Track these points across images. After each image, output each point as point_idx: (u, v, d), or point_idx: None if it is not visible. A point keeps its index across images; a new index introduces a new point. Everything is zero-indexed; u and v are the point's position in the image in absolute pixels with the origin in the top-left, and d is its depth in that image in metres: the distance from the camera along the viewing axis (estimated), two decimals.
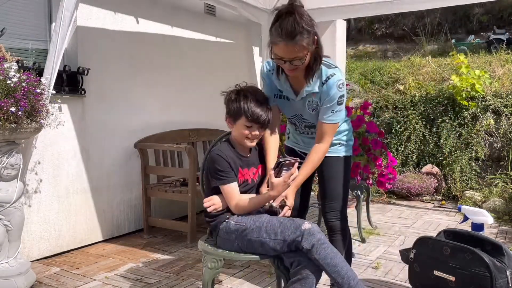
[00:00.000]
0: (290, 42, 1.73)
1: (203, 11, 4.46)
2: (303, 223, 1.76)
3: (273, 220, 1.82)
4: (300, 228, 1.74)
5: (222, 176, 1.86)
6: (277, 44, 1.76)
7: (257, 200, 1.87)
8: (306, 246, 1.72)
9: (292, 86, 1.99)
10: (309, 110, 2.00)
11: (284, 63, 1.81)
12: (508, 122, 4.88)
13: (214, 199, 1.90)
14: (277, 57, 1.81)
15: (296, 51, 1.75)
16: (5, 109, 2.18)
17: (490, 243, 2.07)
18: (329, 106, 1.92)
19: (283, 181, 1.78)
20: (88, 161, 3.36)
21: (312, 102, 1.97)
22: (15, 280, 2.40)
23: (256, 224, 1.81)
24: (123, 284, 2.65)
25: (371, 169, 3.20)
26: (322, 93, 1.92)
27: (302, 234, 1.72)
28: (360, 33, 12.18)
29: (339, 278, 1.72)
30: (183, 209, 3.90)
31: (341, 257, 1.77)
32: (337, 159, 2.14)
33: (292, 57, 1.77)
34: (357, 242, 3.51)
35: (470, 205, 4.37)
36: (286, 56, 1.78)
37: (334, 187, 2.13)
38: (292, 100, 2.01)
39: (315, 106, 1.98)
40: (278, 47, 1.77)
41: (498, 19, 10.69)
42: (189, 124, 4.24)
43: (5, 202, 2.38)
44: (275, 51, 1.80)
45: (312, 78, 1.90)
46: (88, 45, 3.33)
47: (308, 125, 2.09)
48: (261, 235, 1.78)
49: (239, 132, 1.89)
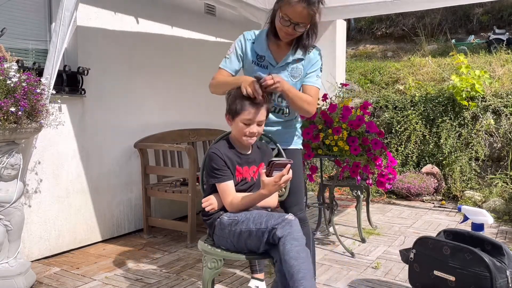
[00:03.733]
0: (307, 6, 1.88)
1: (203, 11, 4.46)
2: (289, 215, 1.76)
3: (263, 212, 1.83)
4: (283, 217, 1.73)
5: (218, 174, 1.87)
6: (293, 6, 1.89)
7: (250, 199, 1.86)
8: (278, 233, 1.67)
9: (272, 53, 2.09)
10: (291, 77, 2.11)
11: (289, 26, 1.94)
12: (508, 122, 4.88)
13: (211, 199, 1.92)
14: (286, 18, 1.92)
15: (307, 16, 1.92)
16: (5, 109, 2.18)
17: (490, 243, 2.08)
18: (314, 71, 2.13)
19: (274, 181, 1.76)
20: (88, 161, 3.36)
21: (297, 68, 2.11)
22: (15, 280, 2.40)
23: (247, 215, 1.82)
24: (123, 284, 2.65)
25: (371, 169, 3.20)
26: (307, 59, 2.11)
27: (281, 222, 1.71)
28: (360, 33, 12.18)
29: (291, 282, 1.62)
30: (183, 209, 3.90)
31: (306, 264, 1.64)
32: (297, 152, 2.26)
33: (300, 21, 1.92)
34: (357, 242, 3.51)
35: (470, 205, 4.37)
36: (296, 18, 1.91)
37: (298, 182, 2.19)
38: (271, 66, 2.11)
39: (298, 73, 2.12)
40: (293, 8, 1.89)
41: (498, 19, 10.69)
42: (189, 124, 4.24)
43: (5, 202, 2.38)
44: (286, 11, 1.91)
45: (302, 48, 2.06)
46: (88, 45, 3.33)
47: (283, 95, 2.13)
48: (249, 226, 1.78)
49: (238, 129, 1.90)
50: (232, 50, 2.14)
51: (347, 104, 3.15)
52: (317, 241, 3.50)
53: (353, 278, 2.76)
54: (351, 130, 3.02)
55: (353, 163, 3.11)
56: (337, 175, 3.57)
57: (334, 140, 2.97)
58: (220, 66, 2.14)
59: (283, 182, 1.77)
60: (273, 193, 1.83)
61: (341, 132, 2.95)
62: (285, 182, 1.77)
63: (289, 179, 1.78)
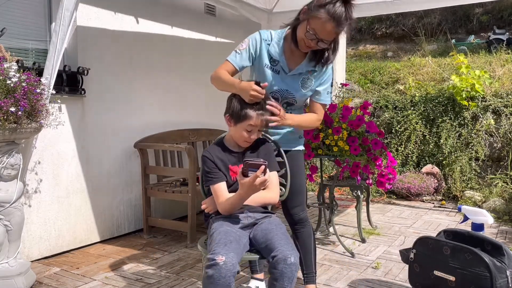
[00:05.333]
0: (337, 26, 1.88)
1: (203, 11, 4.46)
2: (218, 254, 1.62)
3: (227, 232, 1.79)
4: (214, 256, 1.62)
5: (209, 176, 1.89)
6: (323, 23, 1.87)
7: (231, 201, 1.83)
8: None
9: (286, 60, 2.08)
10: (301, 87, 2.10)
11: (313, 40, 1.92)
12: (508, 122, 4.88)
13: (208, 201, 1.96)
14: (312, 32, 1.90)
15: (333, 35, 1.92)
16: (5, 109, 2.18)
17: (490, 243, 2.07)
18: (325, 87, 2.12)
19: (249, 182, 1.71)
20: (88, 161, 3.36)
21: (308, 79, 2.09)
22: (15, 280, 2.40)
23: (218, 228, 1.81)
24: (123, 284, 2.65)
25: (371, 169, 3.20)
26: (320, 72, 2.09)
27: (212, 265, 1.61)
28: (360, 33, 12.17)
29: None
30: (183, 209, 3.90)
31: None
32: (299, 153, 2.27)
33: (325, 38, 1.92)
34: (357, 242, 3.51)
35: (470, 205, 4.37)
36: (322, 35, 1.90)
37: (299, 182, 2.20)
38: (283, 73, 2.08)
39: (308, 84, 2.10)
40: (322, 25, 1.87)
41: (498, 19, 10.69)
42: (189, 124, 4.24)
43: (5, 202, 2.38)
44: (314, 26, 1.89)
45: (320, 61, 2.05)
46: (88, 45, 3.33)
47: (290, 102, 2.14)
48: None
49: (239, 134, 1.91)
50: (245, 47, 2.06)
51: (347, 104, 3.15)
52: (317, 241, 3.50)
53: (353, 278, 2.76)
54: (351, 130, 3.02)
55: (353, 163, 3.11)
56: (337, 175, 3.57)
57: (334, 140, 2.97)
58: (228, 59, 2.06)
59: (259, 184, 1.72)
60: (251, 193, 1.78)
61: (341, 132, 2.95)
62: (260, 184, 1.72)
63: (264, 180, 1.72)
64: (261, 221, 1.90)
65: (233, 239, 1.74)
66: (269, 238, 1.78)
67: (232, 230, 1.80)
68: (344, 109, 3.06)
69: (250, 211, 1.91)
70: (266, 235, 1.80)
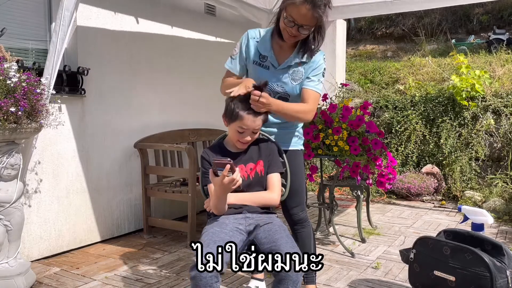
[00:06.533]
0: (312, 8, 1.85)
1: (203, 11, 4.46)
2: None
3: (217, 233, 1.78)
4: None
5: (205, 176, 1.90)
6: (297, 6, 1.85)
7: (212, 200, 1.85)
8: None
9: (275, 54, 2.08)
10: (292, 80, 2.09)
11: (293, 27, 1.90)
12: (508, 122, 4.88)
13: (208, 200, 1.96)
14: (290, 19, 1.89)
15: (311, 18, 1.88)
16: (5, 109, 2.18)
17: (490, 243, 2.07)
18: (316, 75, 2.08)
19: (219, 181, 1.71)
20: (88, 161, 3.36)
21: (298, 71, 2.08)
22: (15, 280, 2.40)
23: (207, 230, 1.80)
24: (123, 284, 2.65)
25: (371, 169, 3.20)
26: (310, 62, 2.07)
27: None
28: (360, 33, 12.18)
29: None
30: (183, 209, 3.90)
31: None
32: (298, 153, 2.25)
33: (304, 23, 1.89)
34: (357, 242, 3.51)
35: (470, 205, 4.37)
36: (300, 20, 1.88)
37: (299, 182, 2.19)
38: (273, 68, 2.09)
39: (299, 76, 2.08)
40: (297, 9, 1.86)
41: (498, 19, 10.69)
42: (189, 124, 4.24)
43: (5, 202, 2.38)
44: (291, 12, 1.88)
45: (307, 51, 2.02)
46: (88, 45, 3.33)
47: (283, 97, 2.10)
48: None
49: (232, 134, 1.93)
50: (237, 51, 2.12)
51: (347, 104, 3.14)
52: (317, 241, 3.50)
53: (353, 278, 2.76)
54: (351, 130, 3.02)
55: (353, 163, 3.11)
56: (337, 175, 3.57)
57: (334, 140, 2.97)
58: (226, 66, 2.14)
59: (227, 183, 1.69)
60: (225, 192, 1.77)
61: (341, 132, 2.95)
62: (229, 183, 1.69)
63: (233, 180, 1.69)
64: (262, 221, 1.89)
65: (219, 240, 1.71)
66: (273, 240, 1.77)
67: (223, 231, 1.79)
68: (344, 109, 3.06)
69: (249, 211, 1.91)
70: (269, 237, 1.79)
